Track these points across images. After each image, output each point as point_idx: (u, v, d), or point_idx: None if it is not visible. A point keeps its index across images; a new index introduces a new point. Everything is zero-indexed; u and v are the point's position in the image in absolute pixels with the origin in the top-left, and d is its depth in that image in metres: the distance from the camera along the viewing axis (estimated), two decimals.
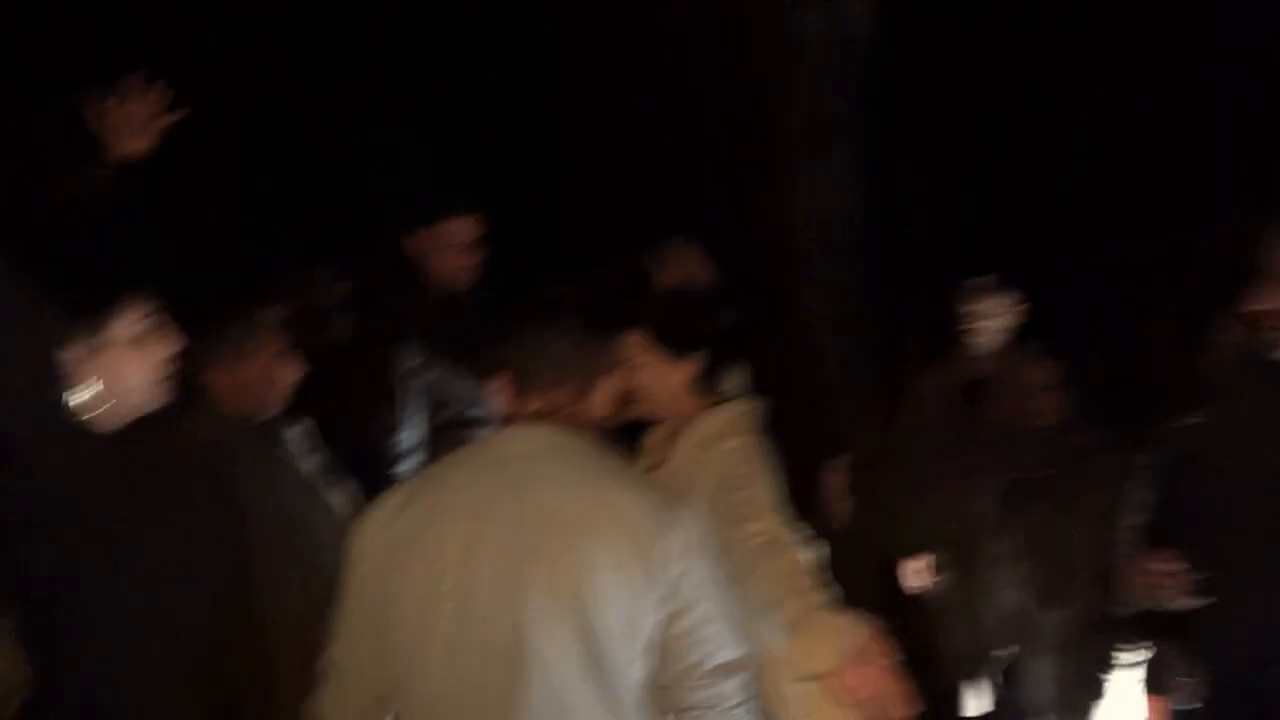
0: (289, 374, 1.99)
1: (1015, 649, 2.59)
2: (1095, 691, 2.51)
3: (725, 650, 1.35)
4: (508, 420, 1.43)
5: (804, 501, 2.56)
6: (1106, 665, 2.49)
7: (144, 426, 1.48)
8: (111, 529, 1.36)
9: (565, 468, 1.36)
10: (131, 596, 1.39)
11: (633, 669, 1.34)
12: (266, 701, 1.67)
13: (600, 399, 1.45)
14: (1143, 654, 2.44)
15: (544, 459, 1.36)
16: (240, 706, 1.59)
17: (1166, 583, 1.78)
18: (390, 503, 1.41)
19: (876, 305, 3.65)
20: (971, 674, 2.71)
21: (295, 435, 2.05)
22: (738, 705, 1.35)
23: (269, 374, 1.94)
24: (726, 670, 1.34)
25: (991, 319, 2.90)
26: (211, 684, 1.51)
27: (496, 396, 1.46)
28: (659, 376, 1.83)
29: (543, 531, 1.31)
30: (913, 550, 3.03)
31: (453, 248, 2.52)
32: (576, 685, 1.31)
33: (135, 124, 1.82)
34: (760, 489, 1.76)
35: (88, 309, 1.38)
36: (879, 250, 3.71)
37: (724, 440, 1.80)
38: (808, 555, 1.65)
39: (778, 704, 1.75)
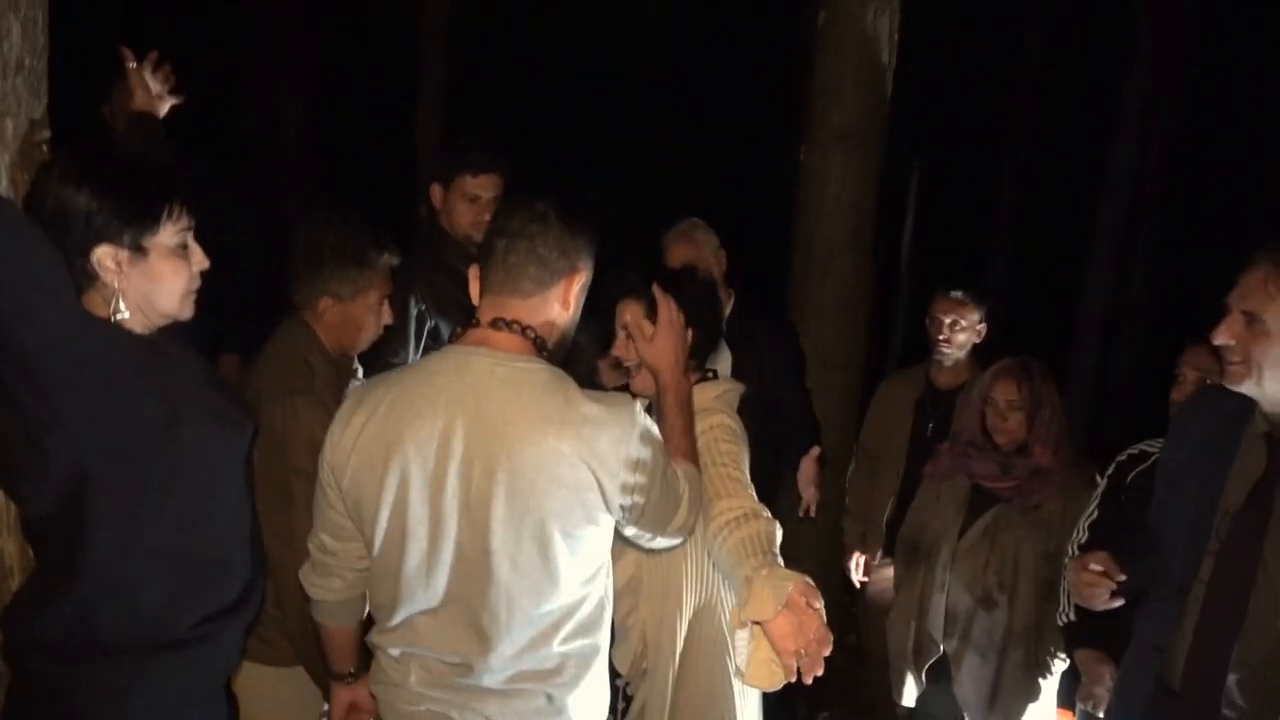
0: (386, 318, 2.09)
1: (954, 645, 2.70)
2: (1026, 694, 2.63)
3: (670, 524, 1.55)
4: (473, 325, 1.50)
5: (771, 485, 2.67)
6: (1039, 670, 2.62)
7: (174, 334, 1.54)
8: (142, 431, 1.40)
9: (520, 381, 1.43)
10: (182, 474, 1.45)
11: (586, 562, 1.47)
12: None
13: (559, 301, 1.51)
14: (1064, 664, 2.59)
15: (500, 375, 1.43)
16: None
17: (1099, 583, 1.89)
18: (357, 414, 1.49)
19: (870, 305, 3.75)
20: (912, 664, 2.83)
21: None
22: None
23: (372, 316, 2.05)
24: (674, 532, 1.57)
25: (960, 331, 3.01)
26: (253, 561, 1.59)
27: (472, 282, 1.53)
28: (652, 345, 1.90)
29: (502, 442, 1.40)
30: (863, 546, 3.16)
31: (472, 202, 2.56)
32: (536, 584, 1.43)
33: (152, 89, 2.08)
34: (734, 468, 1.85)
35: (133, 215, 1.42)
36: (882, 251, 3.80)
37: (707, 416, 1.89)
38: (770, 529, 1.75)
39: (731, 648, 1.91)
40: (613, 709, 1.67)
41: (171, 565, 1.46)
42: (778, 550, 1.70)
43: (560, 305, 1.52)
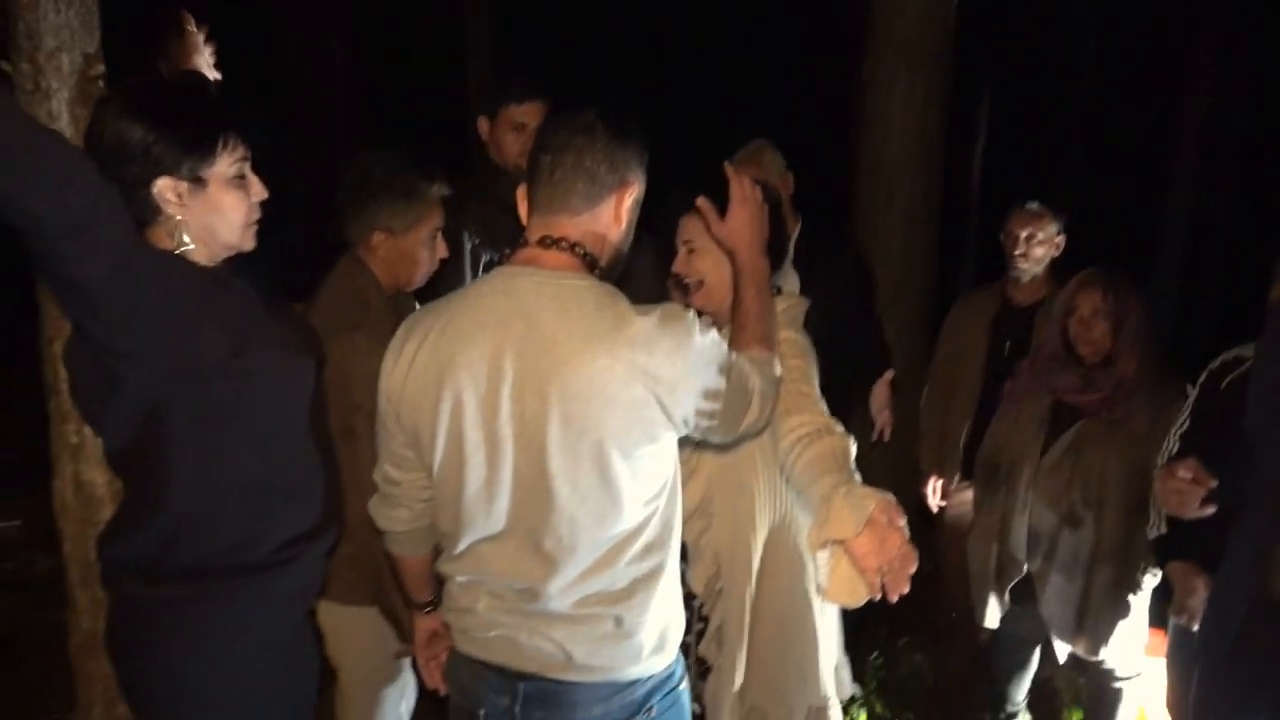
0: (440, 251, 2.08)
1: (1038, 565, 2.64)
2: (1115, 612, 2.56)
3: (742, 423, 1.51)
4: (521, 245, 1.47)
5: (841, 415, 2.62)
6: (1128, 588, 2.54)
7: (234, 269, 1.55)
8: (214, 356, 1.43)
9: (568, 299, 1.39)
10: (238, 420, 1.47)
11: (649, 482, 1.43)
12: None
13: (610, 216, 1.47)
14: (1155, 580, 2.51)
15: (548, 294, 1.39)
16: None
17: (1189, 490, 1.81)
18: (409, 342, 1.47)
19: (939, 226, 3.62)
20: (993, 587, 2.77)
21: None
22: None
23: (426, 248, 2.05)
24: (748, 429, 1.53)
25: (1037, 245, 2.88)
26: (327, 488, 1.62)
27: (520, 202, 1.49)
28: (718, 263, 1.85)
29: (552, 363, 1.36)
30: (937, 468, 3.09)
31: (518, 131, 2.52)
32: (598, 506, 1.40)
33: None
34: (802, 383, 1.80)
35: (190, 145, 1.42)
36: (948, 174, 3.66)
37: (779, 330, 1.84)
38: (845, 444, 1.71)
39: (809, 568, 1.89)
40: (689, 629, 1.65)
41: (250, 492, 1.49)
42: (853, 466, 1.66)
43: (611, 221, 1.47)
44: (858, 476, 1.64)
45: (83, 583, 1.64)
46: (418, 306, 2.15)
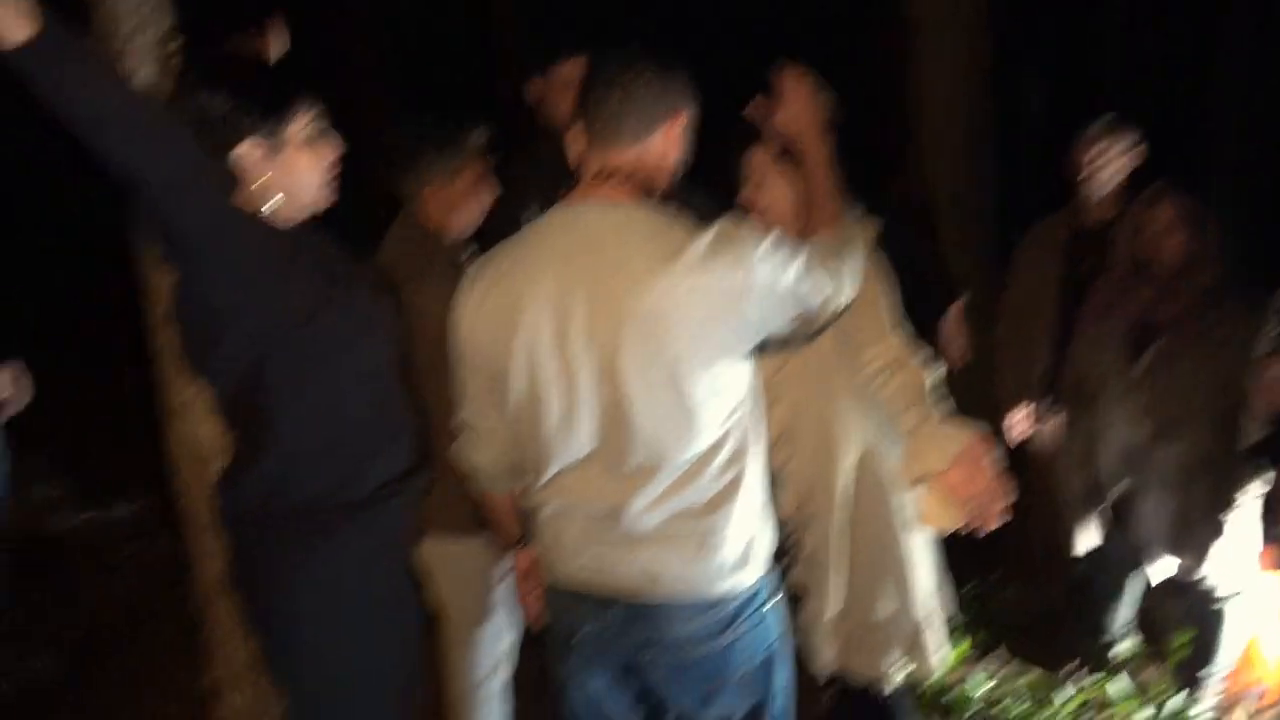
0: (487, 197, 2.18)
1: (1128, 485, 2.59)
2: (1213, 530, 2.50)
3: (826, 312, 1.53)
4: (577, 181, 1.50)
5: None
6: (1224, 504, 2.48)
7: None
8: (309, 301, 1.52)
9: (630, 227, 1.43)
10: (337, 358, 1.56)
11: (726, 398, 1.45)
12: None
13: (662, 145, 1.49)
14: (1260, 491, 2.43)
15: (610, 224, 1.43)
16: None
17: None
18: (477, 287, 1.53)
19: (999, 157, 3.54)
20: (1084, 513, 2.74)
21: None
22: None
23: (473, 194, 2.15)
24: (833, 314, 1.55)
25: (1108, 162, 2.80)
26: (420, 428, 1.70)
27: (573, 145, 1.53)
28: (782, 195, 1.87)
29: (621, 290, 1.40)
30: (1019, 398, 3.04)
31: (569, 88, 2.55)
32: (676, 427, 1.43)
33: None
34: (880, 310, 1.80)
35: (268, 109, 1.50)
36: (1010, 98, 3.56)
37: None
38: (926, 372, 1.70)
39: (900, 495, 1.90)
40: (781, 553, 1.67)
41: (350, 433, 1.58)
42: (933, 398, 1.66)
43: (664, 149, 1.50)
44: (937, 409, 1.65)
45: (198, 533, 1.76)
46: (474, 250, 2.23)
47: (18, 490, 4.45)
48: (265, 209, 1.54)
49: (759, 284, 1.41)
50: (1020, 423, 3.06)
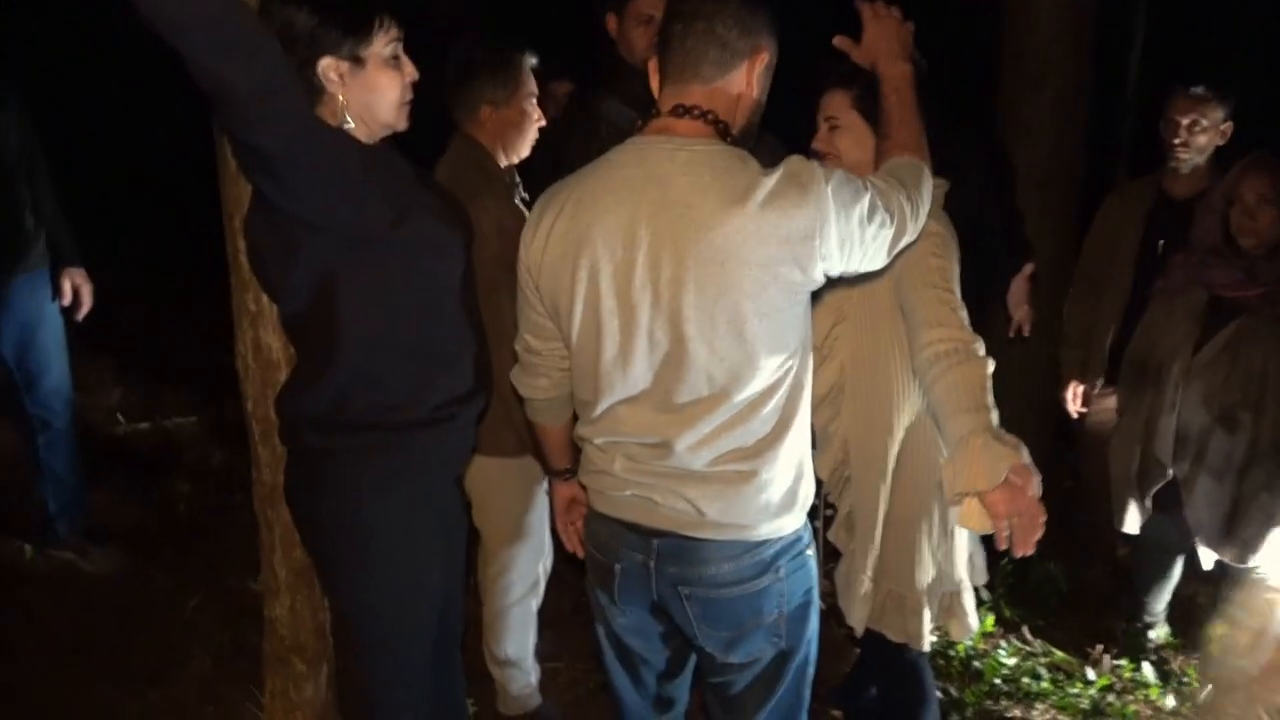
0: (540, 118, 2.24)
1: (1186, 469, 2.54)
2: (1268, 518, 2.45)
3: (896, 248, 1.51)
4: (653, 116, 1.49)
5: (972, 313, 2.55)
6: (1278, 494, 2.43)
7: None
8: (384, 220, 1.53)
9: (701, 164, 1.40)
10: (407, 279, 1.58)
11: (784, 340, 1.45)
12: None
13: (742, 83, 1.47)
14: None
15: (681, 160, 1.41)
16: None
17: None
18: (546, 215, 1.52)
19: (1090, 118, 3.40)
20: (1135, 493, 2.69)
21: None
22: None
23: (527, 118, 2.21)
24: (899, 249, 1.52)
25: (1200, 133, 2.69)
26: (480, 352, 1.73)
27: (653, 78, 1.52)
28: (858, 140, 1.82)
29: (687, 227, 1.38)
30: (1082, 369, 2.98)
31: (647, 24, 2.52)
32: (734, 366, 1.43)
33: None
34: (944, 287, 1.76)
35: (349, 26, 1.51)
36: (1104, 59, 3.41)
37: None
38: (984, 371, 1.67)
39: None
40: (815, 513, 1.68)
41: (413, 354, 1.61)
42: (992, 400, 1.64)
43: (744, 87, 1.47)
44: (995, 413, 1.62)
45: (263, 439, 1.81)
46: (520, 184, 2.27)
47: (89, 394, 4.66)
48: (342, 126, 1.55)
49: (827, 222, 1.38)
50: (1078, 397, 3.00)
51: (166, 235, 6.38)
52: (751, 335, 1.41)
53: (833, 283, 1.94)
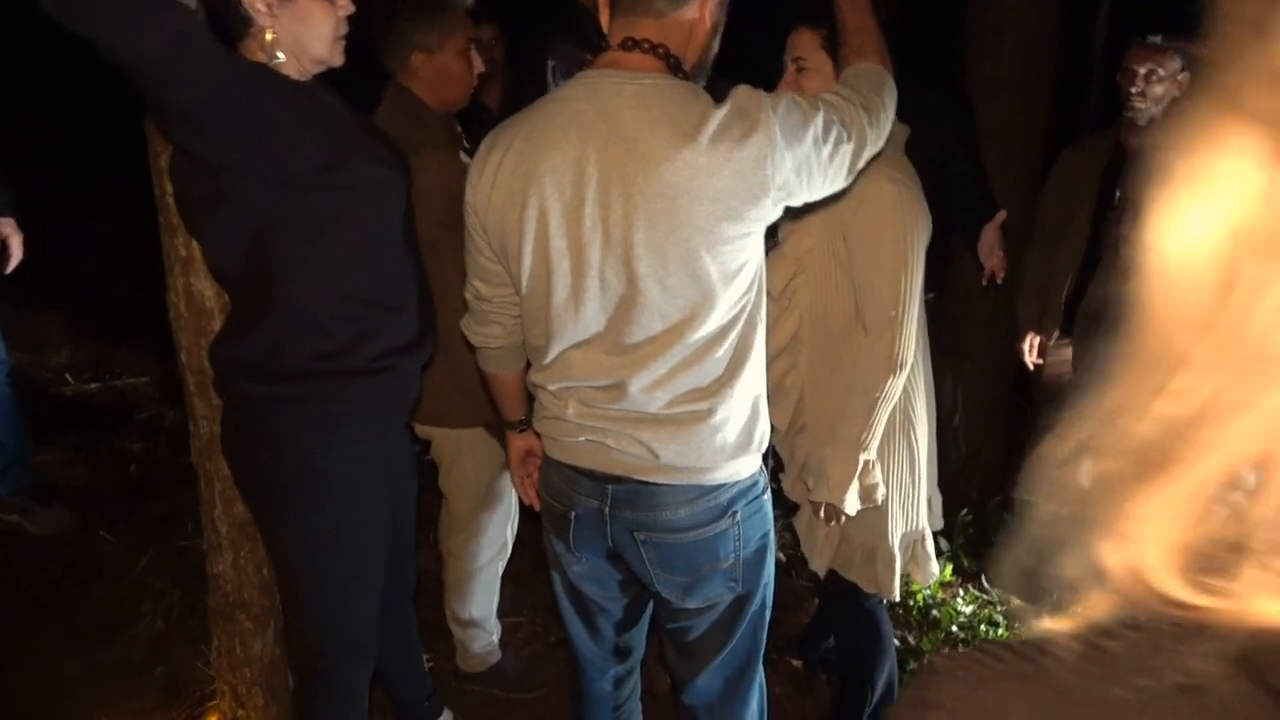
0: (477, 65, 2.09)
1: None
2: None
3: (856, 167, 1.47)
4: (602, 49, 1.43)
5: (938, 267, 2.52)
6: None
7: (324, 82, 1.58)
8: (316, 163, 1.47)
9: (649, 98, 1.36)
10: (342, 225, 1.53)
11: (738, 276, 1.41)
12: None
13: (695, 16, 1.41)
14: None
15: (629, 94, 1.36)
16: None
17: None
18: (492, 154, 1.46)
19: (1058, 73, 3.37)
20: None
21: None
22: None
23: (463, 63, 2.06)
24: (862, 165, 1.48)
25: (1156, 82, 2.64)
26: (424, 302, 1.68)
27: (603, 11, 1.45)
28: (827, 82, 1.76)
29: (636, 162, 1.34)
30: (1039, 327, 2.98)
31: None
32: (688, 304, 1.40)
33: None
34: (899, 267, 1.76)
35: None
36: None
37: (880, 166, 1.75)
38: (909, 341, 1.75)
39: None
40: (766, 459, 1.67)
41: (351, 302, 1.56)
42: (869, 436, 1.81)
43: (696, 20, 1.42)
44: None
45: (199, 389, 1.75)
46: (461, 133, 2.16)
47: (36, 353, 4.54)
48: (270, 62, 1.48)
49: (777, 148, 1.34)
50: (1034, 349, 3.01)
51: (116, 184, 6.20)
52: (704, 272, 1.37)
53: (793, 232, 1.92)
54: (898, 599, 2.04)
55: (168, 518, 3.22)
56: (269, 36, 1.47)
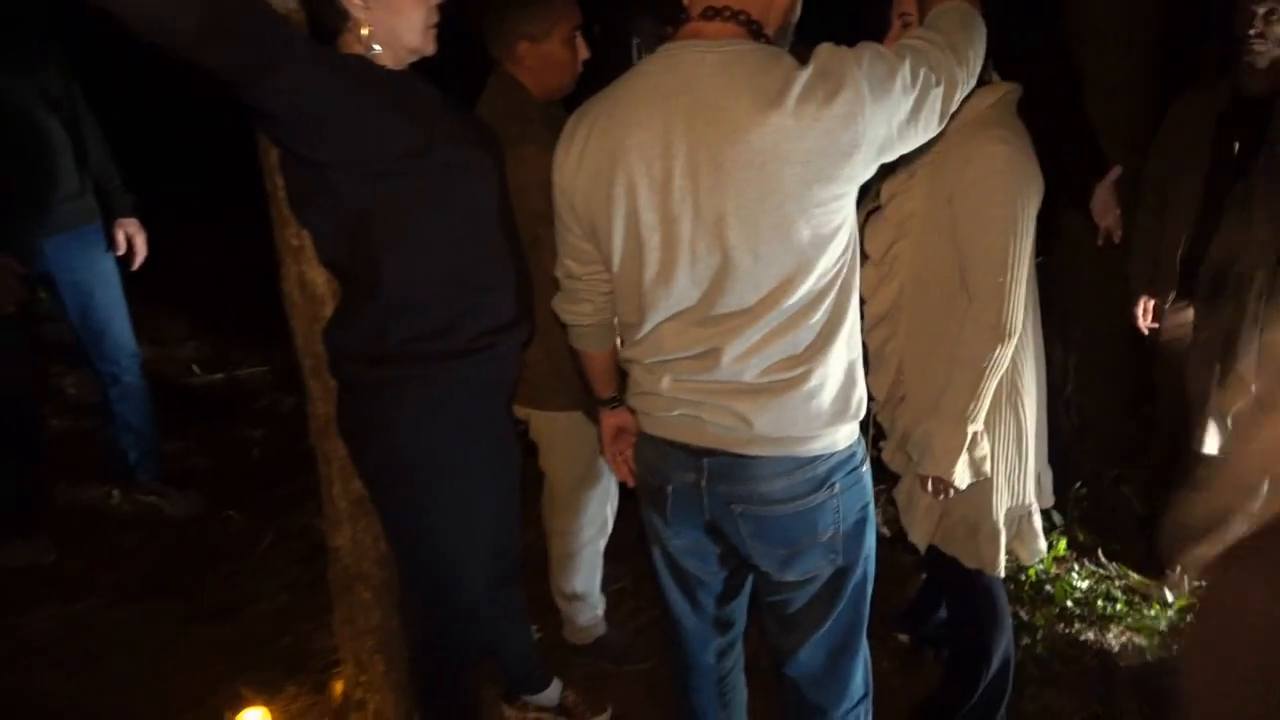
0: (582, 52, 2.10)
1: (1271, 386, 2.41)
2: None
3: (950, 108, 1.41)
4: (684, 20, 1.42)
5: (1045, 230, 2.43)
6: None
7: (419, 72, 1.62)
8: (411, 150, 1.52)
9: (732, 65, 1.34)
10: (438, 210, 1.58)
11: (831, 239, 1.39)
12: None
13: None
14: None
15: (711, 62, 1.34)
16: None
17: None
18: (577, 133, 1.46)
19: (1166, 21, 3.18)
20: (1215, 413, 2.57)
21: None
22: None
23: (567, 53, 2.06)
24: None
25: (1277, 21, 2.45)
26: (521, 283, 1.72)
27: None
28: None
29: (722, 131, 1.32)
30: (1152, 285, 2.84)
31: None
32: (781, 270, 1.38)
33: None
34: (1004, 246, 1.70)
35: None
36: None
37: (990, 128, 1.72)
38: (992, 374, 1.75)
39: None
40: (865, 429, 1.64)
41: (450, 283, 1.60)
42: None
43: None
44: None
45: (314, 373, 1.83)
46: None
47: (163, 347, 4.82)
48: (369, 53, 1.53)
49: (865, 103, 1.31)
50: (1149, 313, 2.87)
51: (226, 183, 6.48)
52: (798, 238, 1.35)
53: (895, 195, 1.88)
54: (1001, 574, 1.99)
55: (287, 500, 3.39)
56: (365, 31, 1.52)
